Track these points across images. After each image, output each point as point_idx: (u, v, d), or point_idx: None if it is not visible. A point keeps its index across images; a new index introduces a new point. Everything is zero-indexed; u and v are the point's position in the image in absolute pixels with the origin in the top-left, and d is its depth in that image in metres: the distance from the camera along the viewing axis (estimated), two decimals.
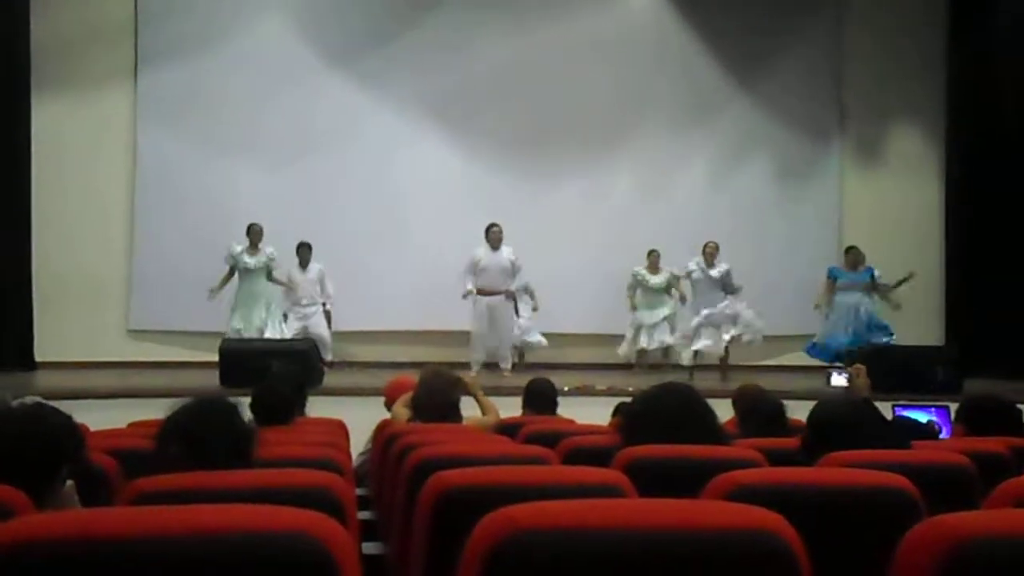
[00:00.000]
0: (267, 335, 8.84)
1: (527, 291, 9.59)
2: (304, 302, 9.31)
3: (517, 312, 9.37)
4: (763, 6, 10.85)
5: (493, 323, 9.13)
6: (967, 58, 10.51)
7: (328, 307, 9.42)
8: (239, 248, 9.05)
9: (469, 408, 4.49)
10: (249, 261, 9.04)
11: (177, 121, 10.15)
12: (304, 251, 9.38)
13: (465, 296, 9.11)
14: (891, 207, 10.85)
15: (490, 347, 9.23)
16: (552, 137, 10.64)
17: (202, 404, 2.32)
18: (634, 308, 9.63)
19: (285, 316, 9.23)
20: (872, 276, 9.46)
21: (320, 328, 9.27)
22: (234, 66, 10.23)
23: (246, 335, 8.76)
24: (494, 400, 4.78)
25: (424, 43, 10.51)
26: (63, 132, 9.94)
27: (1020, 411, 3.82)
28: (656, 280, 9.66)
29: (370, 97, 10.52)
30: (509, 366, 9.17)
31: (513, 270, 9.20)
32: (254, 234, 9.10)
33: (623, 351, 9.73)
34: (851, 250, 9.56)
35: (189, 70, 10.15)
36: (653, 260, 9.72)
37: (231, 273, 9.05)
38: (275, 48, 10.34)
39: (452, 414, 4.07)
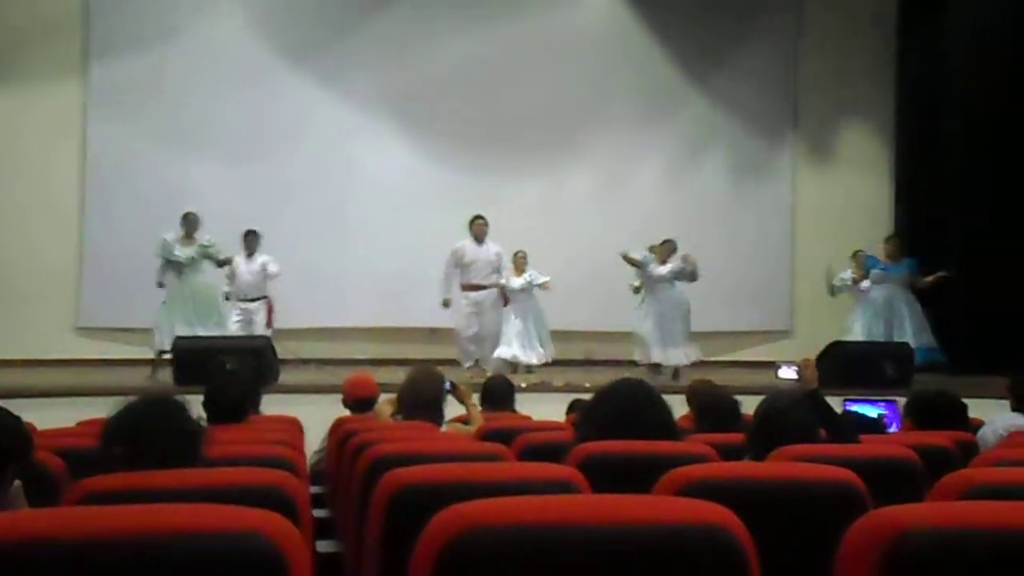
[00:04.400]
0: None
1: (539, 286, 9.06)
2: (242, 295, 8.70)
3: (505, 303, 8.93)
4: (718, 6, 10.95)
5: (480, 318, 8.75)
6: (917, 58, 10.69)
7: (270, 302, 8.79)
8: (171, 236, 8.32)
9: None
10: (179, 253, 8.29)
11: (130, 115, 10.01)
12: (251, 239, 8.73)
13: (444, 306, 8.77)
14: (842, 203, 11.02)
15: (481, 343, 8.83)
16: (510, 134, 10.65)
17: (147, 402, 2.28)
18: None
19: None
20: (912, 269, 9.14)
21: (258, 318, 8.65)
22: (188, 60, 10.11)
23: (166, 329, 8.11)
24: None
25: (382, 40, 10.47)
26: (12, 125, 9.79)
27: (966, 406, 3.91)
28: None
29: (327, 93, 10.46)
30: (492, 367, 8.70)
31: (499, 265, 8.84)
32: (189, 223, 8.36)
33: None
34: (891, 239, 9.32)
35: (142, 63, 10.02)
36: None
37: (164, 264, 8.35)
38: (230, 43, 10.23)
39: (435, 413, 4.07)
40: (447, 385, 4.37)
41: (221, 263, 8.58)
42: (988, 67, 9.57)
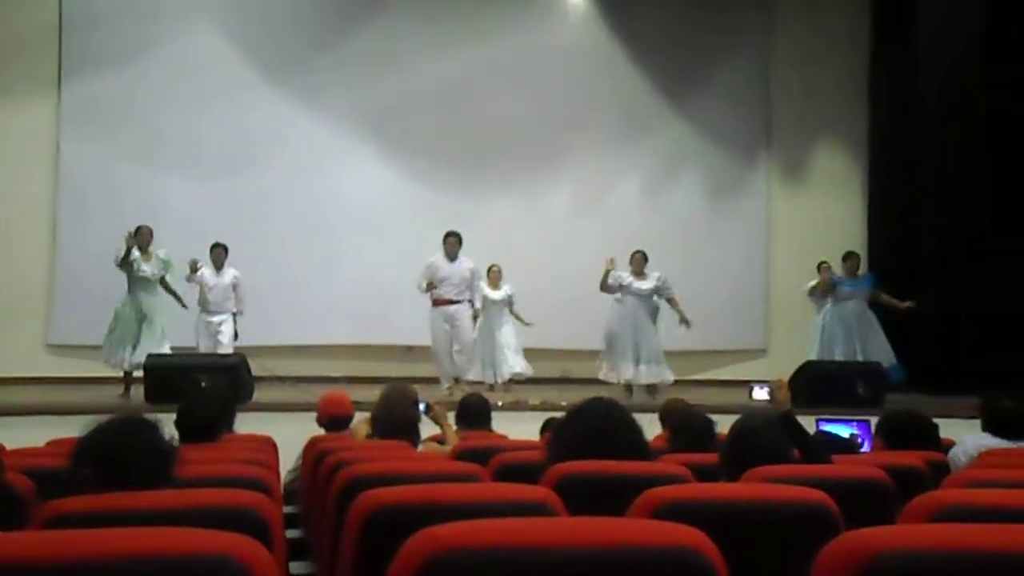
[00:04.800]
0: (139, 353, 8.00)
1: (510, 308, 9.15)
2: (212, 308, 8.56)
3: (475, 319, 8.91)
4: (693, 28, 11.05)
5: (454, 332, 8.71)
6: (888, 77, 10.83)
7: (237, 308, 8.63)
8: (135, 252, 8.12)
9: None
10: (146, 268, 8.18)
11: (104, 131, 9.96)
12: (218, 252, 8.65)
13: (423, 290, 8.67)
14: (816, 222, 11.10)
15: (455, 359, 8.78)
16: (487, 151, 10.68)
17: (117, 422, 2.26)
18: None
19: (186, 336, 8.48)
20: (874, 283, 9.25)
21: (223, 338, 8.52)
22: (163, 76, 10.08)
23: (120, 353, 8.06)
24: None
25: (359, 57, 10.48)
26: None
27: (937, 426, 3.94)
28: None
29: (304, 109, 10.45)
30: (469, 379, 8.75)
31: (473, 281, 8.82)
32: (142, 237, 8.15)
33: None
34: (850, 256, 9.38)
35: (117, 80, 9.97)
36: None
37: (126, 257, 8.11)
38: (206, 59, 10.21)
39: (409, 432, 4.04)
40: (422, 406, 4.35)
41: (165, 284, 8.39)
42: (959, 85, 9.69)
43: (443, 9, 10.66)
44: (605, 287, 8.75)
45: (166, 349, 8.20)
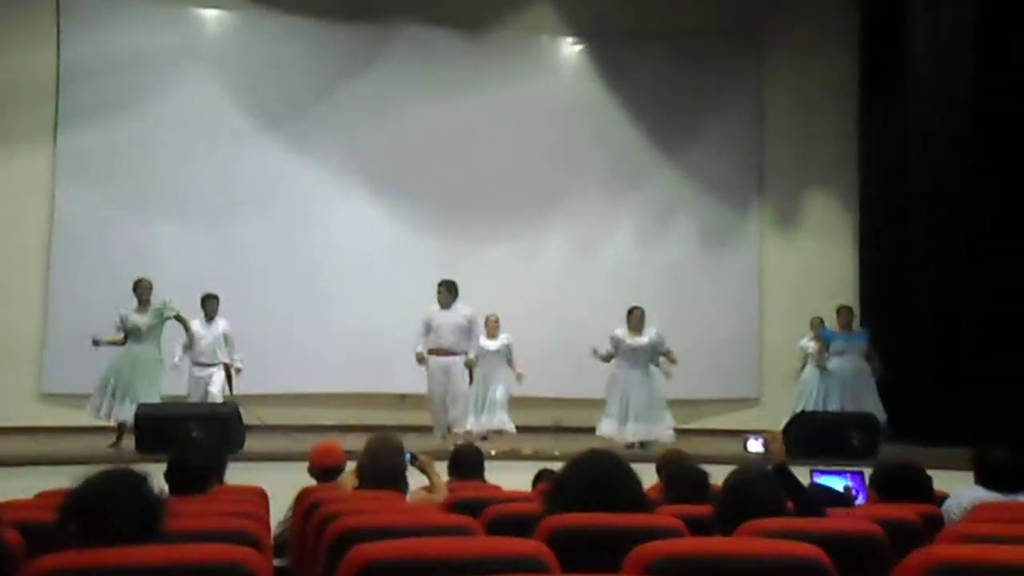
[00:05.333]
0: (127, 406, 7.97)
1: (507, 359, 9.09)
2: (203, 359, 8.55)
3: (471, 378, 8.86)
4: (685, 77, 11.18)
5: (448, 383, 8.63)
6: (877, 127, 10.93)
7: (238, 365, 8.64)
8: (124, 310, 8.21)
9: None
10: (140, 321, 8.18)
11: (99, 180, 10.01)
12: (210, 303, 8.64)
13: (419, 362, 8.66)
14: (808, 270, 11.15)
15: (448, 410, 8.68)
16: (481, 200, 10.75)
17: (105, 476, 2.24)
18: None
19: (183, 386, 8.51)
20: (866, 339, 9.17)
21: (214, 388, 8.55)
22: (158, 126, 10.16)
23: (105, 404, 8.00)
24: None
25: (354, 107, 10.60)
26: None
27: (931, 478, 3.92)
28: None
29: (298, 159, 10.53)
30: (462, 430, 8.63)
31: (470, 329, 8.71)
32: (141, 290, 8.23)
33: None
34: (843, 309, 9.35)
35: (111, 130, 10.05)
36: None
37: (125, 339, 8.24)
38: (201, 108, 10.30)
39: (397, 482, 4.00)
40: (408, 457, 4.33)
41: (180, 319, 8.42)
42: (948, 134, 9.79)
43: (438, 59, 10.78)
44: (605, 359, 8.72)
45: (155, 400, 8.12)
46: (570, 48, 11.34)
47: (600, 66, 11.20)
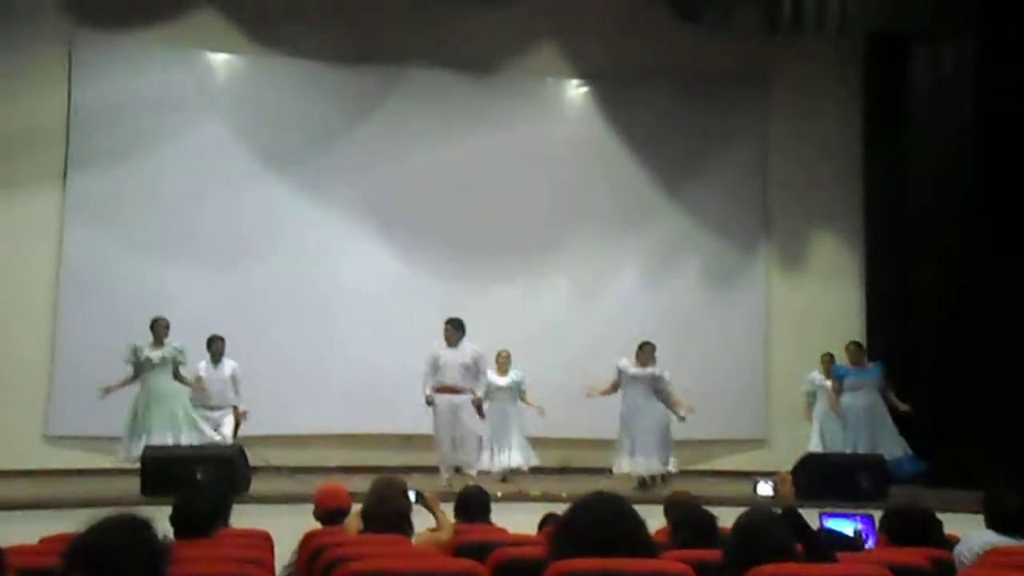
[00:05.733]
0: (183, 441, 8.17)
1: (521, 398, 9.15)
2: (213, 402, 8.62)
3: (481, 414, 8.82)
4: (690, 118, 11.23)
5: (455, 423, 8.58)
6: (882, 169, 10.97)
7: (241, 409, 8.75)
8: (140, 342, 8.37)
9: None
10: (152, 355, 8.35)
11: (106, 223, 10.05)
12: (216, 345, 8.74)
13: (428, 403, 8.64)
14: (814, 312, 11.12)
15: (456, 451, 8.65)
16: (487, 242, 10.78)
17: (108, 523, 2.23)
18: None
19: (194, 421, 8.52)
20: (883, 373, 9.15)
21: (225, 430, 8.58)
22: (167, 170, 10.22)
23: (145, 444, 7.97)
24: None
25: (360, 149, 10.67)
26: None
27: (941, 522, 3.89)
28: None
29: (305, 201, 10.58)
30: (473, 473, 8.57)
31: (476, 368, 8.70)
32: (159, 328, 8.40)
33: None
34: (853, 345, 9.34)
35: (121, 172, 10.10)
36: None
37: (135, 375, 8.38)
38: (209, 153, 10.37)
39: (402, 525, 3.98)
40: (412, 495, 4.30)
41: (179, 376, 8.50)
42: (952, 175, 9.84)
43: (443, 101, 10.86)
44: (610, 390, 8.71)
45: (186, 438, 8.22)
46: (575, 90, 11.42)
47: (606, 107, 11.28)
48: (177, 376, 8.50)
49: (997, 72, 9.39)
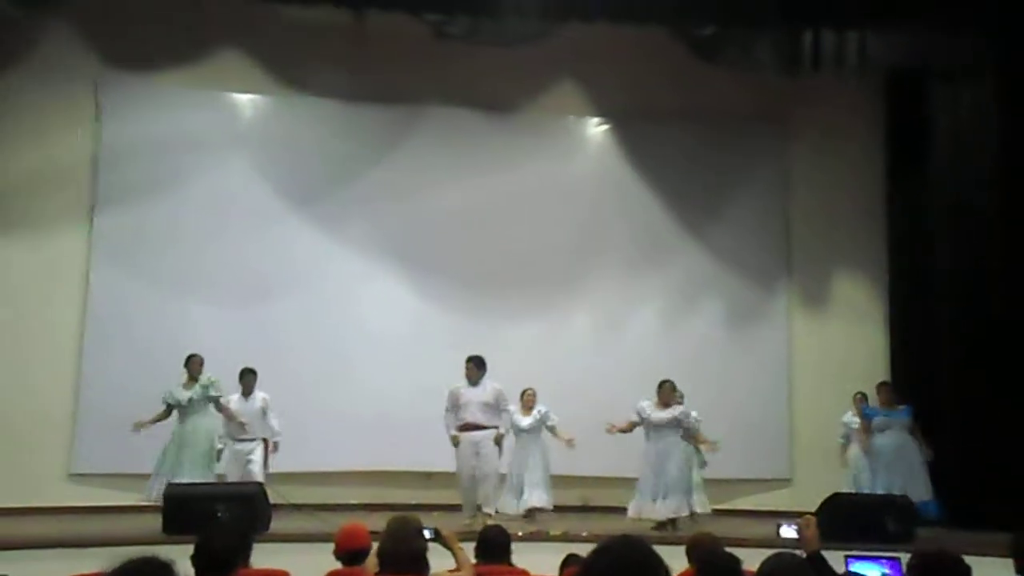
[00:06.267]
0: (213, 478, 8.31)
1: (551, 431, 9.16)
2: (243, 436, 8.67)
3: (500, 449, 8.74)
4: (711, 156, 11.26)
5: (478, 460, 8.53)
6: (905, 207, 10.93)
7: (275, 441, 8.78)
8: (172, 386, 8.66)
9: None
10: (184, 395, 8.55)
11: (132, 261, 10.18)
12: (248, 377, 8.81)
13: (453, 443, 8.60)
14: (837, 352, 11.05)
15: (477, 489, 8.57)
16: (508, 279, 10.81)
17: (133, 566, 2.24)
18: None
19: (219, 454, 8.68)
20: (911, 414, 9.12)
21: (255, 467, 8.61)
22: (191, 207, 10.36)
23: (157, 488, 8.06)
24: None
25: (382, 187, 10.76)
26: (16, 269, 9.94)
27: (969, 567, 3.82)
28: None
29: (327, 238, 10.67)
30: (493, 511, 8.54)
31: (498, 405, 8.67)
32: (193, 366, 8.64)
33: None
34: (883, 386, 9.33)
35: (146, 211, 10.25)
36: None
37: (167, 412, 8.60)
38: (234, 192, 10.51)
39: (419, 565, 3.95)
40: (429, 533, 4.27)
41: (216, 404, 8.60)
42: (974, 215, 9.78)
43: (464, 140, 10.96)
44: (628, 429, 8.66)
45: (214, 474, 8.39)
46: (595, 128, 11.48)
47: (626, 146, 11.33)
48: (218, 406, 8.62)
49: (1018, 108, 9.37)
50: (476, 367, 8.69)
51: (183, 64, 10.56)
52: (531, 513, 9.00)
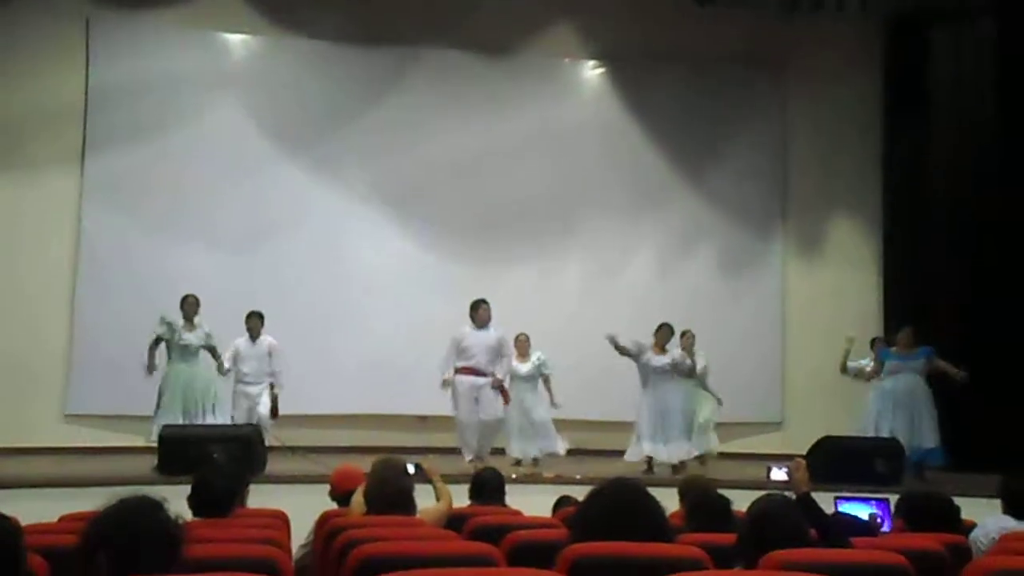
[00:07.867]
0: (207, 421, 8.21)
1: (544, 382, 9.05)
2: (249, 379, 8.59)
3: (506, 398, 8.70)
4: (708, 102, 11.15)
5: (481, 409, 8.52)
6: (902, 153, 10.87)
7: (276, 389, 8.73)
8: (179, 321, 8.27)
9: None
10: (190, 337, 8.27)
11: (125, 205, 10.10)
12: (254, 320, 8.64)
13: (443, 386, 8.61)
14: (831, 297, 11.06)
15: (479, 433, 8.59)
16: (503, 224, 10.77)
17: (125, 506, 2.26)
18: None
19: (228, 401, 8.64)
20: (928, 356, 8.82)
21: (262, 408, 8.57)
22: (185, 151, 10.25)
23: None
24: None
25: (377, 130, 10.65)
26: (9, 213, 9.87)
27: (958, 508, 3.88)
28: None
29: (322, 183, 10.59)
30: (484, 456, 8.55)
31: (500, 351, 8.67)
32: (188, 306, 8.31)
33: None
34: (904, 329, 9.01)
35: (138, 155, 10.12)
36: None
37: (156, 344, 8.24)
38: (227, 134, 10.39)
39: (405, 504, 3.99)
40: (411, 469, 4.32)
41: (213, 352, 8.53)
42: (973, 162, 9.74)
43: (459, 83, 10.84)
44: (623, 351, 8.61)
45: (223, 419, 8.26)
46: (591, 71, 11.36)
47: (621, 89, 11.21)
48: (214, 354, 8.45)
49: (1019, 54, 9.28)
50: (489, 309, 8.64)
51: (175, 3, 10.40)
52: (542, 460, 8.96)
